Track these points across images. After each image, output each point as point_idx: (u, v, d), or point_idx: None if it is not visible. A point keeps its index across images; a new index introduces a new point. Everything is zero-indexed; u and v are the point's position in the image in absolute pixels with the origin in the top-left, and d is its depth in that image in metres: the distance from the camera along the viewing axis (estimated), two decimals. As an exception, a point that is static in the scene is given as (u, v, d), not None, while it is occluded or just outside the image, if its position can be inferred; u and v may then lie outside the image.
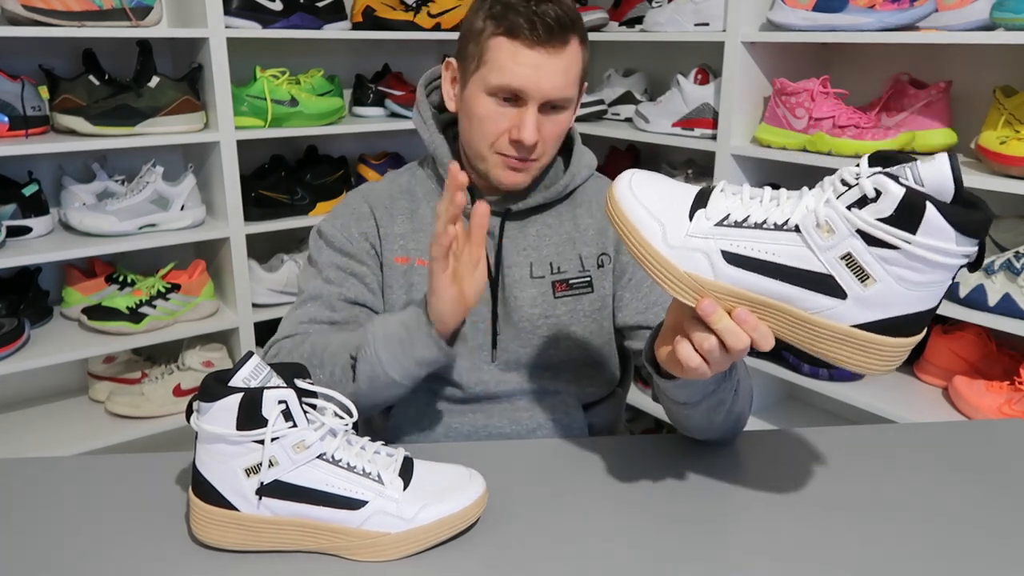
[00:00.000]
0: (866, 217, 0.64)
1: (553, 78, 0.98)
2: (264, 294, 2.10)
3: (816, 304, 0.68)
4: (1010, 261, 1.51)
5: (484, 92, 1.00)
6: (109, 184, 2.00)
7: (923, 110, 1.73)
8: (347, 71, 2.35)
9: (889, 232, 0.64)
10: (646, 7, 2.17)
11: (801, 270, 0.68)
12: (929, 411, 1.66)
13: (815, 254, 0.67)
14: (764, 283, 0.70)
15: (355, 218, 1.10)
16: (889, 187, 0.63)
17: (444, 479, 0.80)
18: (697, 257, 0.71)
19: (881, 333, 0.68)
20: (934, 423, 1.10)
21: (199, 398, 0.75)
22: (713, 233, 0.70)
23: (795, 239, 0.68)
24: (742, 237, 0.70)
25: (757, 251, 0.69)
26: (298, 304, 1.08)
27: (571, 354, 1.10)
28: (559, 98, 1.00)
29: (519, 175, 1.04)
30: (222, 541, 0.76)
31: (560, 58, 0.98)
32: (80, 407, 2.03)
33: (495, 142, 1.02)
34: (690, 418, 0.92)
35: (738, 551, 0.78)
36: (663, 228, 0.72)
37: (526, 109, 0.99)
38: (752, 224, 0.70)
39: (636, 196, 0.73)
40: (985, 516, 0.84)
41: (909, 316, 0.67)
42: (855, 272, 0.66)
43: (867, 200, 0.64)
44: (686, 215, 0.72)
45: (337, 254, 1.08)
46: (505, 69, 0.98)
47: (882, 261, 0.65)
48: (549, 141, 1.03)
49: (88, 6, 1.74)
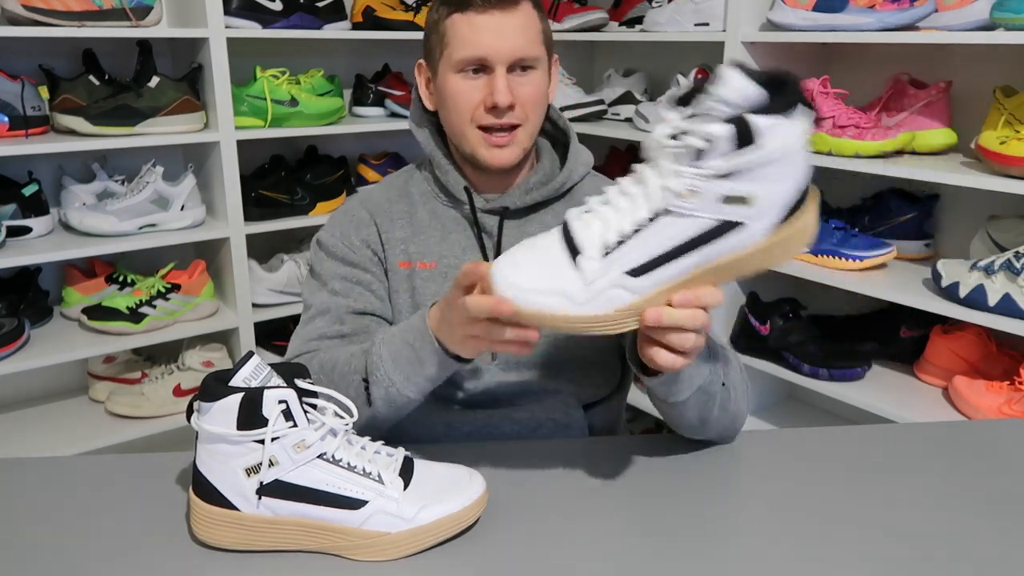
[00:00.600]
0: (712, 163, 0.68)
1: (512, 37, 1.00)
2: (264, 294, 2.10)
3: (729, 247, 0.71)
4: (1010, 261, 1.51)
5: (452, 71, 1.02)
6: (109, 184, 2.00)
7: (923, 110, 1.73)
8: (347, 71, 2.35)
9: (738, 160, 0.67)
10: (646, 7, 2.17)
11: (697, 235, 0.71)
12: (929, 411, 1.66)
13: (697, 216, 0.70)
14: (679, 264, 0.72)
15: (354, 225, 1.10)
16: (713, 130, 0.67)
17: (444, 479, 0.80)
18: (611, 294, 0.72)
19: (786, 224, 0.71)
20: (934, 423, 1.10)
21: (199, 398, 0.75)
22: (607, 267, 0.72)
23: (673, 219, 0.70)
24: (631, 250, 0.71)
25: (652, 250, 0.71)
26: (306, 321, 1.07)
27: (571, 353, 1.10)
28: (523, 56, 1.01)
29: (504, 151, 1.03)
30: (222, 541, 0.76)
31: (514, 16, 1.00)
32: (80, 407, 2.03)
33: (473, 115, 1.02)
34: (683, 416, 0.92)
35: (738, 551, 0.78)
36: (564, 295, 0.73)
37: (495, 74, 1.00)
38: (630, 234, 0.71)
39: (520, 287, 0.73)
40: (985, 516, 0.84)
41: (797, 198, 0.71)
42: (736, 203, 0.69)
43: (703, 151, 0.68)
44: (571, 269, 0.73)
45: (340, 264, 1.08)
46: (465, 40, 1.00)
47: (749, 182, 0.68)
48: (527, 103, 1.03)
49: (88, 6, 1.74)
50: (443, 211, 1.10)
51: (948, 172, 1.55)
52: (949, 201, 1.85)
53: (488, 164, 1.04)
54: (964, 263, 1.60)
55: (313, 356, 1.01)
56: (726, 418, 0.95)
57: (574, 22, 2.25)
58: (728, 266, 0.72)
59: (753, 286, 2.01)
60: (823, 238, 1.81)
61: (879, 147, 1.66)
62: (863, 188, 1.96)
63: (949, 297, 1.60)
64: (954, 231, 1.86)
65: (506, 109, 1.01)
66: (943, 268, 1.61)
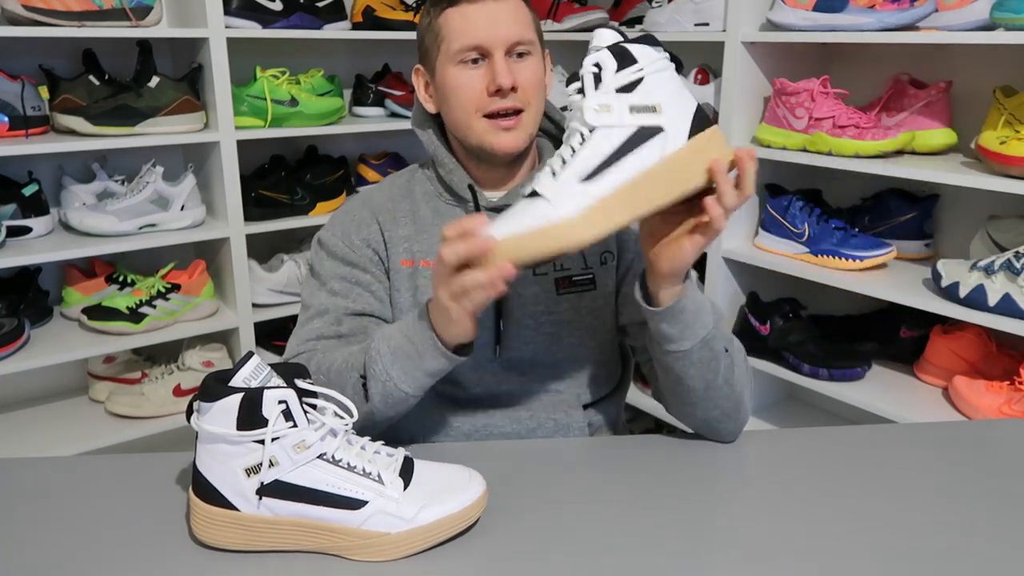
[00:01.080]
0: (609, 80, 0.82)
1: (507, 22, 1.02)
2: (264, 294, 2.10)
3: (657, 150, 0.82)
4: (1010, 261, 1.51)
5: (451, 64, 1.03)
6: (109, 184, 2.00)
7: (923, 110, 1.73)
8: (347, 71, 2.35)
9: (626, 73, 0.82)
10: (646, 7, 2.17)
11: (626, 140, 0.81)
12: (929, 411, 1.66)
13: (619, 127, 0.82)
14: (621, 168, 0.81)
15: (355, 225, 1.10)
16: (598, 56, 0.83)
17: (444, 479, 0.80)
18: (574, 201, 0.80)
19: (700, 134, 0.83)
20: (934, 423, 1.10)
21: (199, 398, 0.75)
22: (562, 184, 0.81)
23: (602, 133, 0.82)
24: (577, 163, 0.82)
25: (594, 161, 0.81)
26: (304, 321, 1.07)
27: (573, 352, 1.10)
28: (519, 40, 1.02)
29: (511, 135, 1.04)
30: (222, 541, 0.76)
31: (506, 3, 1.02)
32: (80, 407, 2.03)
33: (477, 105, 1.03)
34: (686, 377, 0.94)
35: (738, 551, 0.78)
36: (533, 217, 0.80)
37: (493, 59, 1.01)
38: (573, 156, 0.82)
39: (496, 229, 0.80)
40: (985, 516, 0.84)
41: (699, 114, 0.84)
42: (645, 112, 0.82)
43: (599, 76, 0.83)
44: (533, 201, 0.81)
45: (340, 264, 1.08)
46: (460, 31, 1.02)
47: (646, 93, 0.82)
48: (528, 88, 1.04)
49: (88, 6, 1.74)
50: (446, 209, 1.10)
51: (948, 172, 1.55)
52: (949, 201, 1.85)
53: (496, 150, 1.04)
54: (964, 263, 1.60)
55: (311, 356, 1.01)
56: (730, 393, 0.96)
57: (574, 22, 2.25)
58: (666, 171, 0.82)
59: (753, 286, 2.01)
60: (823, 238, 1.81)
61: (879, 147, 1.66)
62: (863, 188, 1.96)
63: (949, 297, 1.60)
64: (954, 231, 1.86)
65: (509, 91, 1.02)
66: (943, 268, 1.61)
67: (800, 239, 1.86)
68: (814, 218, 1.83)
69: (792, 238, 1.88)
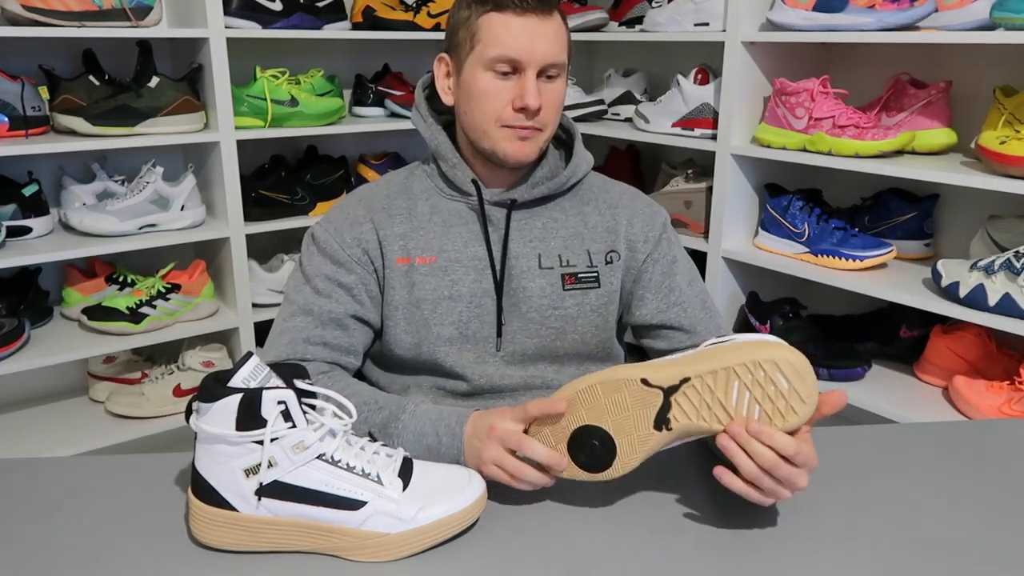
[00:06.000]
0: None
1: (546, 43, 1.01)
2: (264, 294, 2.10)
3: None
4: (1010, 261, 1.51)
5: (482, 68, 1.03)
6: (109, 184, 2.00)
7: (923, 110, 1.73)
8: (347, 71, 2.35)
9: None
10: (646, 7, 2.17)
11: None
12: (929, 411, 1.66)
13: None
14: None
15: (349, 223, 1.10)
16: None
17: (443, 479, 0.80)
18: None
19: None
20: (934, 423, 1.10)
21: (199, 398, 0.75)
22: None
23: None
24: None
25: None
26: (288, 315, 1.08)
27: (575, 348, 1.11)
28: (553, 62, 1.03)
29: (526, 144, 1.05)
30: (222, 542, 0.76)
31: (549, 23, 1.02)
32: (80, 407, 2.03)
33: (499, 115, 1.03)
34: None
35: (738, 550, 0.78)
36: None
37: (525, 76, 1.02)
38: None
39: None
40: (985, 516, 0.84)
41: None
42: None
43: None
44: None
45: (327, 262, 1.09)
46: (500, 41, 1.01)
47: None
48: (550, 109, 1.05)
49: (88, 6, 1.74)
50: (445, 205, 1.11)
51: (948, 172, 1.55)
52: (949, 201, 1.85)
53: (509, 157, 1.05)
54: (964, 263, 1.60)
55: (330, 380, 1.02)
56: None
57: (574, 22, 2.25)
58: None
59: (753, 286, 2.01)
60: (823, 238, 1.81)
61: (879, 147, 1.66)
62: (863, 188, 1.96)
63: (949, 297, 1.60)
64: (954, 231, 1.86)
65: (534, 112, 1.02)
66: (943, 268, 1.61)
67: (800, 239, 1.86)
68: (814, 218, 1.83)
69: (792, 238, 1.88)
